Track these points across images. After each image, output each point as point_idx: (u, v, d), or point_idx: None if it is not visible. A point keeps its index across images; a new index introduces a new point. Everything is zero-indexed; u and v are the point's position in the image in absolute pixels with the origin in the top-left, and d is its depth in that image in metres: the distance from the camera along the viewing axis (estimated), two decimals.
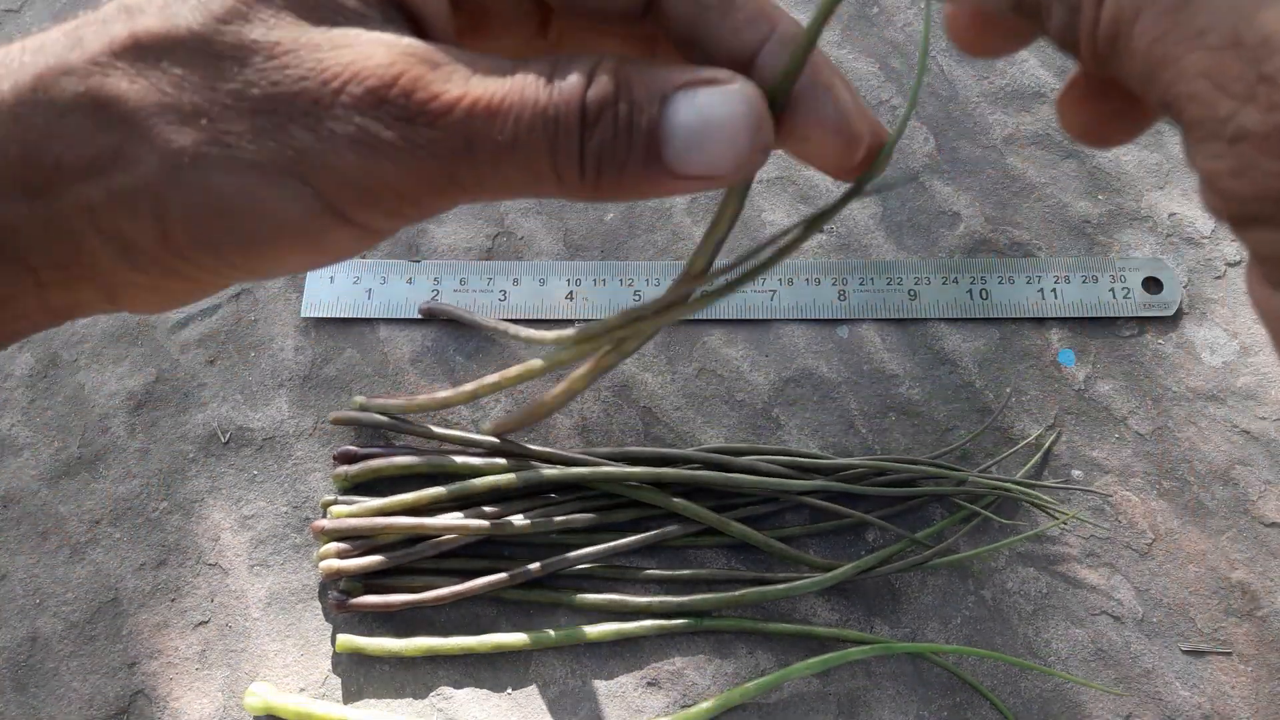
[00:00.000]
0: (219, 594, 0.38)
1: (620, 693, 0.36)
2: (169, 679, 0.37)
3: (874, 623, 0.37)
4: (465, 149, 0.18)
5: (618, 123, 0.18)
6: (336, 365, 0.42)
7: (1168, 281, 0.42)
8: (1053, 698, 0.36)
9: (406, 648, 0.36)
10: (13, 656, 0.37)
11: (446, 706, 0.36)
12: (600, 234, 0.45)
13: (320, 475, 0.40)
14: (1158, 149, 0.46)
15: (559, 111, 0.18)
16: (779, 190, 0.46)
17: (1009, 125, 0.47)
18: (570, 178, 0.19)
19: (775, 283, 0.43)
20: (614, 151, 0.18)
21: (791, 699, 0.36)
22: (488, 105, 0.18)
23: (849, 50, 0.49)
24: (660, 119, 0.18)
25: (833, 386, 0.41)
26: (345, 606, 0.37)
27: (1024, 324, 0.42)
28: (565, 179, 0.19)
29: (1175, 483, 0.39)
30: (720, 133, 0.18)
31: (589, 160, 0.18)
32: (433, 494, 0.38)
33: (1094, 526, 0.39)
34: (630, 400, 0.41)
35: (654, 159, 0.19)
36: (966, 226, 0.44)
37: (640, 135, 0.18)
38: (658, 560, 0.39)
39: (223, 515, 0.39)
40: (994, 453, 0.40)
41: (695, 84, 0.18)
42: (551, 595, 0.37)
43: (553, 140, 0.18)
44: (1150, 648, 0.37)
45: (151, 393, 0.41)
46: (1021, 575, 0.38)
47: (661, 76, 0.18)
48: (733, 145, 0.19)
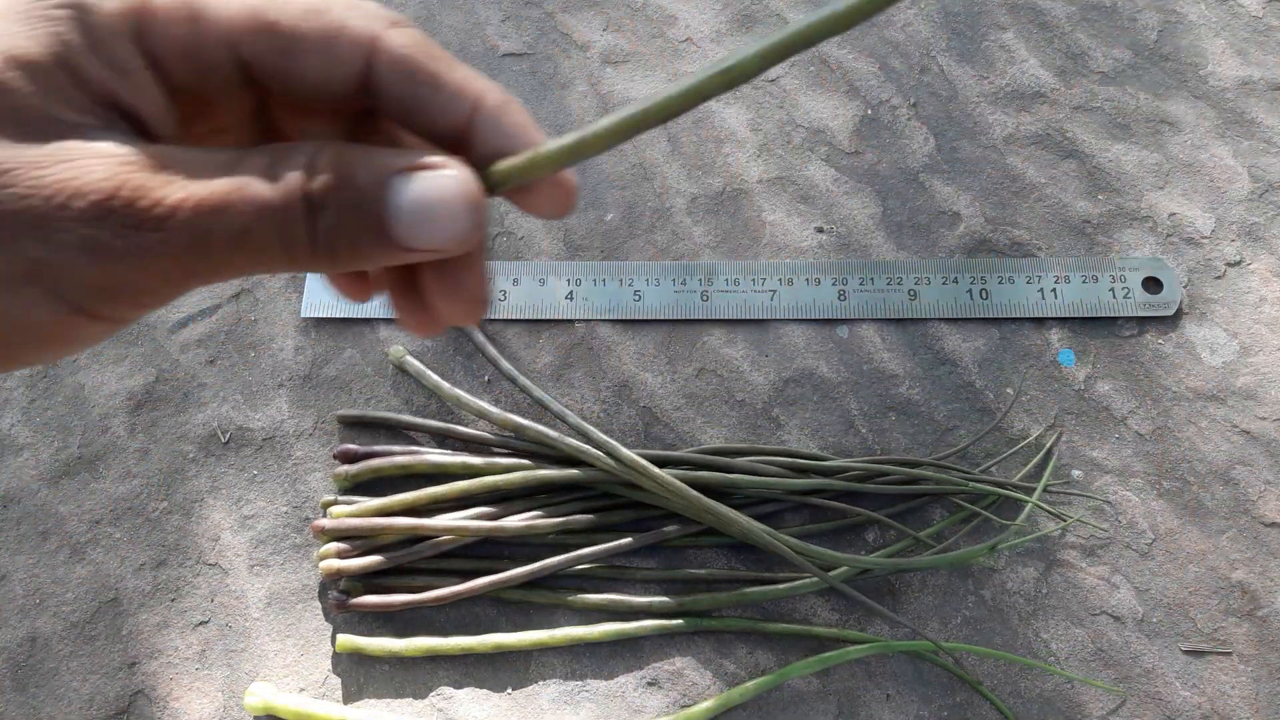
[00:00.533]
0: (219, 594, 0.38)
1: (620, 693, 0.36)
2: (169, 679, 0.37)
3: (874, 622, 0.37)
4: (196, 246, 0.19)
5: (344, 209, 0.20)
6: (336, 365, 0.42)
7: (1168, 281, 0.42)
8: (1053, 697, 0.36)
9: (406, 648, 0.36)
10: (13, 656, 0.37)
11: (446, 706, 0.36)
12: (600, 234, 0.45)
13: (320, 475, 0.40)
14: (1158, 149, 0.46)
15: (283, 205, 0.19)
16: (779, 190, 0.46)
17: (1009, 125, 0.47)
18: (304, 256, 0.20)
19: (775, 283, 0.43)
20: (345, 232, 0.20)
21: (791, 699, 0.36)
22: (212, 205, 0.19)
23: (849, 50, 0.49)
24: (384, 202, 0.20)
25: (833, 386, 0.41)
26: (345, 606, 0.37)
27: (1024, 324, 0.42)
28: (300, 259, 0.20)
29: (1175, 483, 0.39)
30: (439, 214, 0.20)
31: (321, 240, 0.20)
32: (433, 494, 0.38)
33: (1094, 527, 0.39)
34: (630, 400, 0.41)
35: (384, 236, 0.20)
36: (966, 226, 0.44)
37: (368, 217, 0.20)
38: (658, 560, 0.39)
39: (223, 515, 0.39)
40: (994, 453, 0.40)
41: (412, 169, 0.20)
42: (551, 595, 0.37)
43: (281, 230, 0.19)
44: (1150, 648, 0.37)
45: (151, 393, 0.41)
46: (1021, 575, 0.38)
47: (380, 162, 0.20)
48: (452, 224, 0.20)
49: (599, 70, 0.49)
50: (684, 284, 0.43)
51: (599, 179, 0.46)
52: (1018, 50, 0.49)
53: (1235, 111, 0.47)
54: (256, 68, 0.21)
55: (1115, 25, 0.49)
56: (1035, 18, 0.50)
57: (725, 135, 0.47)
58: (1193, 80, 0.48)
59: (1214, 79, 0.48)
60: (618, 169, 0.46)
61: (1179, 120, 0.47)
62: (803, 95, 0.48)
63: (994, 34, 0.49)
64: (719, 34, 0.50)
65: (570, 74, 0.49)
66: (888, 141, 0.47)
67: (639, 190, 0.46)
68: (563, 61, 0.49)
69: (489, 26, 0.50)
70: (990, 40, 0.49)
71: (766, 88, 0.48)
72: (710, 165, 0.46)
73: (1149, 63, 0.48)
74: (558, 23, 0.50)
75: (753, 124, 0.47)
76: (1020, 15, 0.50)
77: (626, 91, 0.48)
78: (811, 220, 0.45)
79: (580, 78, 0.49)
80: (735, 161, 0.46)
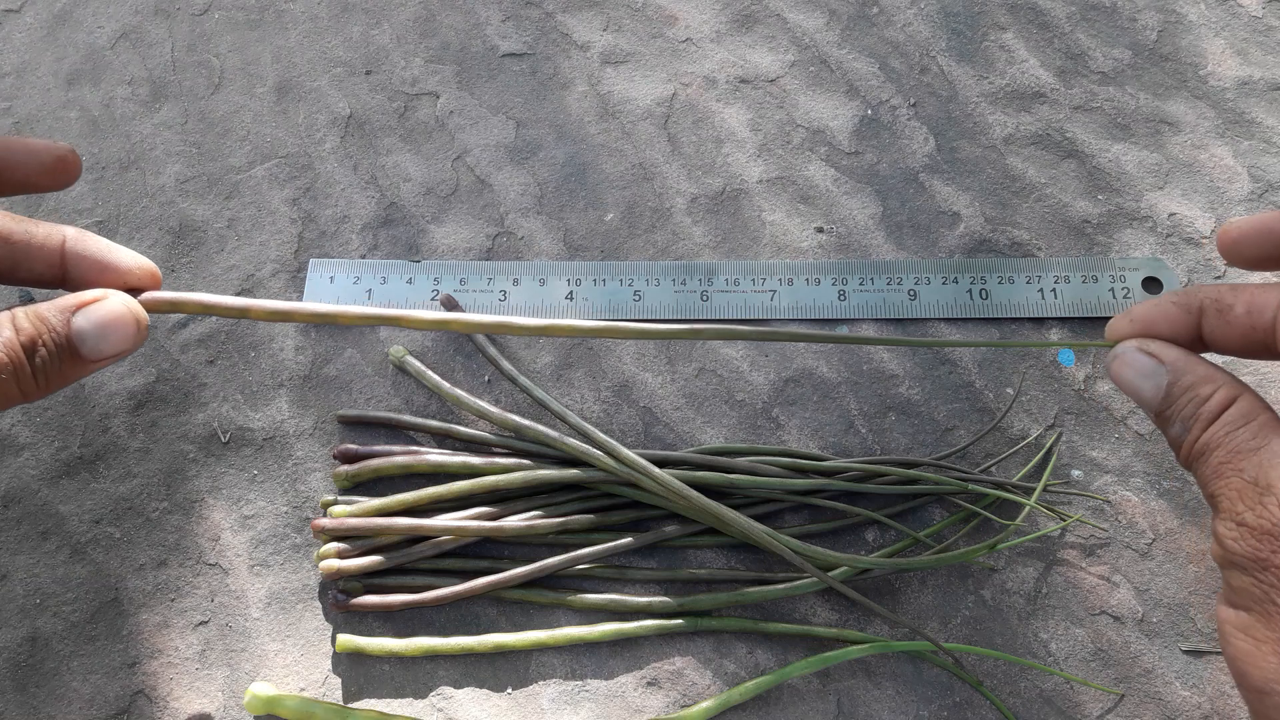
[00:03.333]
0: (219, 594, 0.38)
1: (620, 693, 0.36)
2: (169, 679, 0.37)
3: (874, 622, 0.37)
4: None
5: (48, 347, 0.28)
6: (336, 365, 0.42)
7: (1168, 281, 0.42)
8: (1052, 697, 0.36)
9: (406, 648, 0.36)
10: (13, 656, 0.37)
11: (446, 706, 0.36)
12: (600, 234, 0.45)
13: (320, 475, 0.40)
14: (1158, 149, 0.46)
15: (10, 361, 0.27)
16: (779, 190, 0.46)
17: (1009, 125, 0.47)
18: (32, 391, 0.28)
19: (775, 283, 0.43)
20: (52, 365, 0.28)
21: (791, 698, 0.36)
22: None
23: (849, 50, 0.49)
24: (69, 333, 0.28)
25: (833, 386, 0.42)
26: (345, 606, 0.37)
27: (1024, 324, 0.42)
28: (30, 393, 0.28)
29: (1175, 483, 0.39)
30: (114, 330, 0.29)
31: (39, 376, 0.28)
32: (433, 494, 0.38)
33: (1094, 526, 0.39)
34: (630, 400, 0.41)
35: (77, 357, 0.29)
36: (966, 226, 0.44)
37: (64, 348, 0.28)
38: (658, 560, 0.39)
39: (223, 515, 0.39)
40: (994, 453, 0.40)
41: (84, 305, 0.29)
42: (551, 595, 0.37)
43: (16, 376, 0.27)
44: (1150, 648, 0.37)
45: (152, 392, 0.41)
46: (1021, 575, 0.38)
47: (61, 304, 0.28)
48: (124, 333, 0.29)
49: (599, 70, 0.49)
50: (684, 284, 0.43)
51: (599, 179, 0.46)
52: (1018, 50, 0.49)
53: (1235, 111, 0.47)
54: None
55: (1115, 25, 0.49)
56: (1035, 18, 0.50)
57: (725, 135, 0.47)
58: (1193, 80, 0.48)
59: (1214, 79, 0.48)
60: (618, 169, 0.46)
61: (1179, 120, 0.47)
62: (803, 95, 0.48)
63: (994, 34, 0.49)
64: (719, 34, 0.50)
65: (570, 74, 0.49)
66: (888, 141, 0.47)
67: (639, 190, 0.46)
68: (563, 61, 0.49)
69: (489, 26, 0.50)
70: (990, 40, 0.49)
71: (766, 88, 0.48)
72: (710, 165, 0.46)
73: (1149, 63, 0.48)
74: (558, 23, 0.50)
75: (753, 124, 0.47)
76: (1020, 15, 0.50)
77: (626, 91, 0.48)
78: (811, 220, 0.45)
79: (580, 78, 0.49)
80: (735, 161, 0.46)
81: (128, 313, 0.30)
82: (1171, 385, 0.30)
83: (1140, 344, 0.31)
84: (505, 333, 0.32)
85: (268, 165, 0.47)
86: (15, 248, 0.30)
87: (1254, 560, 0.26)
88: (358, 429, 0.41)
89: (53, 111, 0.48)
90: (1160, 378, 0.30)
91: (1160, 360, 0.30)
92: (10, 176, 0.32)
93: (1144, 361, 0.30)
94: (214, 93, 0.48)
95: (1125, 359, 0.31)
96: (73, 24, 0.51)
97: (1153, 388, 0.30)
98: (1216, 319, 0.30)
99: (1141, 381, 0.30)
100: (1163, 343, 0.31)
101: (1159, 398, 0.30)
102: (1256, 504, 0.26)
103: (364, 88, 0.48)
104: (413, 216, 0.45)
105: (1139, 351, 0.31)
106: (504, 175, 0.46)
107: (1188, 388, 0.29)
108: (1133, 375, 0.31)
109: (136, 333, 0.30)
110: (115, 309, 0.29)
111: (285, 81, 0.49)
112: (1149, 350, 0.31)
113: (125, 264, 0.31)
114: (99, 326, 0.29)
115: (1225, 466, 0.27)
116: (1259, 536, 0.26)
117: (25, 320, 0.28)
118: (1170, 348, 0.30)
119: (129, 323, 0.30)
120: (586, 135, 0.47)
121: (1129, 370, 0.31)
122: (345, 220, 0.45)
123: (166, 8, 0.51)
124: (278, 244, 0.45)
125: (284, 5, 0.51)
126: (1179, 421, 0.29)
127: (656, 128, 0.47)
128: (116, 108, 0.48)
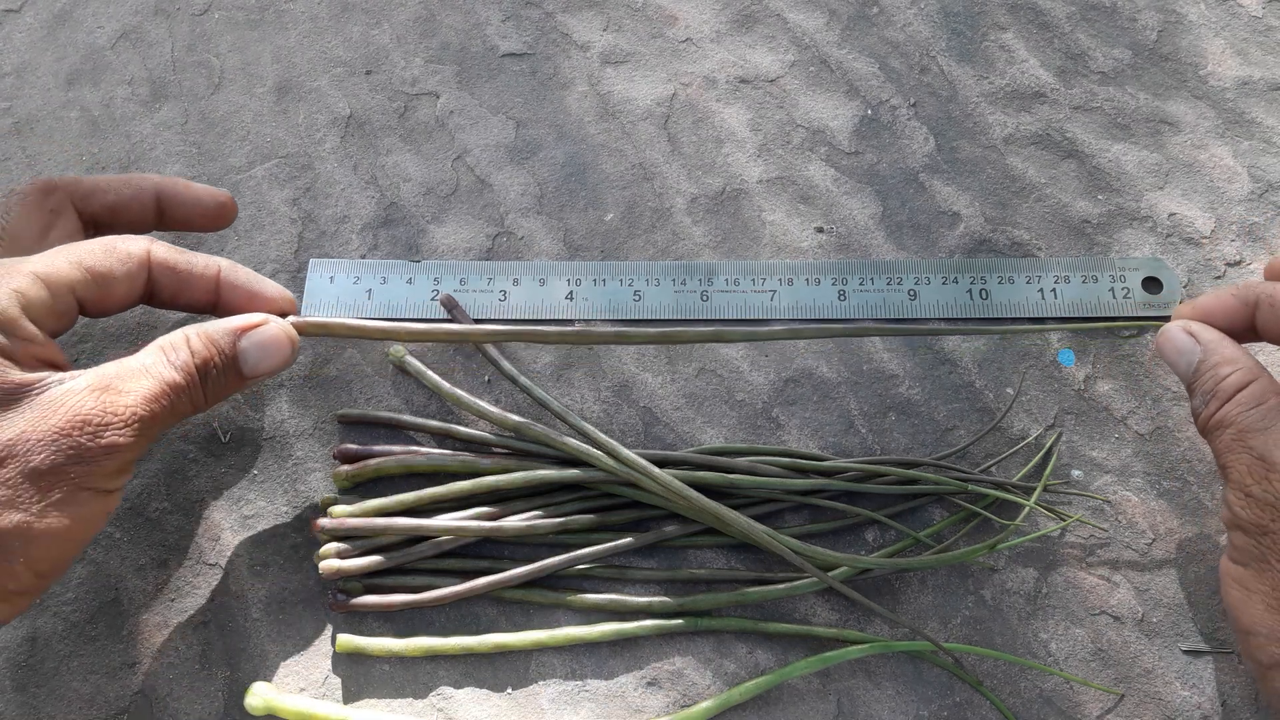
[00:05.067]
0: (219, 594, 0.38)
1: (620, 693, 0.36)
2: (169, 679, 0.37)
3: (874, 622, 0.37)
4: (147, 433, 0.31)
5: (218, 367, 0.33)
6: (336, 365, 0.42)
7: (1168, 281, 0.42)
8: (1052, 697, 0.36)
9: (406, 648, 0.36)
10: (13, 656, 0.37)
11: (446, 706, 0.36)
12: (600, 234, 0.45)
13: (320, 475, 0.40)
14: (1158, 149, 0.46)
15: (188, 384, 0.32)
16: (779, 190, 0.46)
17: (1009, 125, 0.47)
18: (202, 406, 0.33)
19: (775, 283, 0.43)
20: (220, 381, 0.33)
21: (791, 698, 0.36)
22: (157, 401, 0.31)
23: (849, 50, 0.49)
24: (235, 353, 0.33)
25: (833, 386, 0.42)
26: (345, 606, 0.37)
27: (1024, 324, 0.42)
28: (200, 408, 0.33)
29: (1175, 483, 0.39)
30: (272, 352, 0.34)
31: (210, 393, 0.33)
32: (433, 494, 0.38)
33: (1094, 526, 0.39)
34: (630, 400, 0.41)
35: (238, 374, 0.34)
36: (966, 226, 0.44)
37: (230, 368, 0.33)
38: (657, 560, 0.39)
39: (223, 515, 0.39)
40: (994, 453, 0.40)
41: (248, 328, 0.34)
42: (551, 595, 0.37)
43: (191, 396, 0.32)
44: (1150, 648, 0.37)
45: None
46: (1021, 575, 0.38)
47: (227, 327, 0.34)
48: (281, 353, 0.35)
49: (599, 70, 0.49)
50: (684, 284, 0.43)
51: (599, 179, 0.46)
52: (1018, 50, 0.49)
53: (1235, 111, 0.47)
54: None
55: (1115, 25, 0.49)
56: (1035, 18, 0.50)
57: (725, 135, 0.47)
58: (1193, 80, 0.48)
59: (1214, 79, 0.48)
60: (618, 169, 0.46)
61: (1179, 120, 0.47)
62: (803, 95, 0.48)
63: (994, 34, 0.49)
64: (719, 34, 0.50)
65: (570, 74, 0.49)
66: (888, 141, 0.47)
67: (639, 190, 0.46)
68: (563, 61, 0.49)
69: (489, 26, 0.50)
70: (990, 40, 0.49)
71: (767, 88, 0.48)
72: (710, 165, 0.46)
73: (1149, 63, 0.48)
74: (558, 23, 0.50)
75: (753, 124, 0.47)
76: (1020, 15, 0.50)
77: (626, 91, 0.48)
78: (811, 220, 0.45)
79: (580, 78, 0.49)
80: (735, 161, 0.46)
81: (284, 336, 0.35)
82: (1201, 362, 0.34)
83: (1184, 324, 0.35)
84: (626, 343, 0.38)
85: (268, 165, 0.47)
86: (180, 277, 0.35)
87: (1256, 526, 0.31)
88: (358, 429, 0.41)
89: (53, 111, 0.48)
90: (1194, 355, 0.34)
91: (1197, 339, 0.35)
92: (175, 214, 0.38)
93: (1183, 339, 0.35)
94: (214, 93, 0.48)
95: (1169, 334, 0.36)
96: (73, 24, 0.51)
97: (1186, 363, 0.35)
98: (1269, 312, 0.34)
99: (1178, 356, 0.35)
100: (1203, 325, 0.35)
101: (1190, 372, 0.35)
102: (1263, 479, 0.30)
103: (364, 88, 0.48)
104: (413, 216, 0.45)
105: (1182, 330, 0.35)
106: (504, 175, 0.46)
107: (1213, 366, 0.33)
108: (1172, 350, 0.35)
109: (291, 353, 0.35)
110: (274, 333, 0.34)
111: (285, 81, 0.49)
112: (1190, 330, 0.35)
113: (270, 294, 0.36)
114: (260, 348, 0.34)
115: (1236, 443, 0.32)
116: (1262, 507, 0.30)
117: (199, 343, 0.33)
118: (1208, 330, 0.35)
119: (285, 344, 0.35)
120: (586, 135, 0.47)
121: (1170, 345, 0.35)
122: (345, 220, 0.45)
123: (166, 8, 0.51)
124: (278, 244, 0.45)
125: (284, 5, 0.51)
126: (1200, 394, 0.34)
127: (656, 128, 0.47)
128: (116, 108, 0.48)
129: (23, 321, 0.30)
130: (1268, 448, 0.31)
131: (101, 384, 0.30)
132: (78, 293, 0.32)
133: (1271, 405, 0.32)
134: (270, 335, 0.34)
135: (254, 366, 0.34)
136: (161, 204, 0.38)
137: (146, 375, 0.31)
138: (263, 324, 0.34)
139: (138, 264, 0.34)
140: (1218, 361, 0.34)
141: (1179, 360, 0.35)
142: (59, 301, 0.31)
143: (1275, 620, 0.30)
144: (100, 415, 0.29)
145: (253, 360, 0.34)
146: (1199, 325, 0.35)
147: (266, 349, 0.34)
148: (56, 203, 0.35)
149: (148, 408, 0.30)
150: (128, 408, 0.30)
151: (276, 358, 0.34)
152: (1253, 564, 0.31)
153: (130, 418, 0.30)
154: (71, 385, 0.30)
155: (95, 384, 0.30)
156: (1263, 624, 0.30)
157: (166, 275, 0.34)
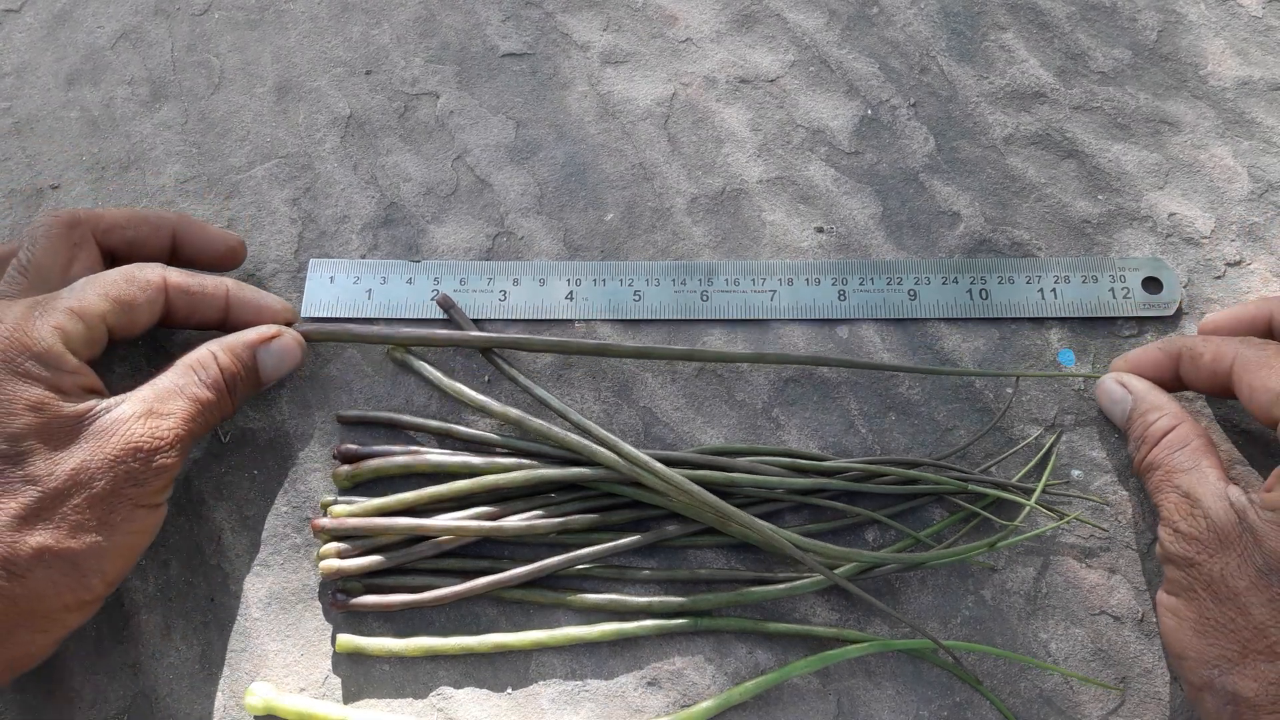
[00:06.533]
0: (219, 594, 0.38)
1: (620, 693, 0.36)
2: (169, 679, 0.37)
3: (873, 622, 0.37)
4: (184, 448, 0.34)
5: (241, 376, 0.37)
6: (336, 365, 0.42)
7: (1168, 281, 0.42)
8: (1052, 696, 0.36)
9: (406, 648, 0.36)
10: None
11: (446, 706, 0.36)
12: (600, 234, 0.45)
13: (320, 475, 0.40)
14: (1158, 149, 0.46)
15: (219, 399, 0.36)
16: (779, 190, 0.46)
17: (1009, 125, 0.47)
18: (228, 411, 0.37)
19: (775, 283, 0.43)
20: (242, 388, 0.37)
21: (791, 698, 0.36)
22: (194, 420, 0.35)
23: (849, 50, 0.49)
24: (254, 363, 0.38)
25: (833, 386, 0.41)
26: (345, 606, 0.37)
27: (1024, 324, 0.42)
28: (226, 415, 0.37)
29: None
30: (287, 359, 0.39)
31: (237, 398, 0.37)
32: (433, 494, 0.38)
33: (1094, 526, 0.39)
34: (630, 400, 0.41)
35: (257, 380, 0.38)
36: (966, 226, 0.44)
37: (251, 374, 0.37)
38: (657, 560, 0.39)
39: (223, 515, 0.39)
40: (994, 453, 0.40)
41: (266, 339, 0.38)
42: (551, 595, 0.37)
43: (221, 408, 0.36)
44: (1150, 647, 0.37)
45: None
46: (1021, 575, 0.38)
47: (245, 341, 0.37)
48: (293, 359, 0.39)
49: (599, 70, 0.49)
50: (684, 284, 0.43)
51: (599, 179, 0.46)
52: (1018, 50, 0.49)
53: (1235, 111, 0.47)
54: None
55: (1115, 25, 0.49)
56: (1035, 18, 0.50)
57: (725, 135, 0.47)
58: (1193, 80, 0.48)
59: (1214, 79, 0.48)
60: (618, 169, 0.46)
61: (1179, 120, 0.47)
62: (803, 95, 0.48)
63: (994, 34, 0.49)
64: (719, 34, 0.50)
65: (570, 74, 0.49)
66: (888, 141, 0.47)
67: (639, 190, 0.46)
68: (563, 61, 0.49)
69: (489, 26, 0.50)
70: (990, 40, 0.49)
71: (767, 88, 0.48)
72: (710, 165, 0.46)
73: (1149, 63, 0.48)
74: (558, 23, 0.50)
75: (753, 124, 0.47)
76: (1020, 15, 0.50)
77: (626, 91, 0.48)
78: (811, 220, 0.45)
79: (580, 78, 0.49)
80: (735, 161, 0.46)
81: (296, 344, 0.39)
82: (1132, 410, 0.37)
83: (1116, 376, 0.39)
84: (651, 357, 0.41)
85: (268, 165, 0.47)
86: (193, 299, 0.37)
87: (1184, 559, 0.32)
88: (358, 429, 0.41)
89: (53, 111, 0.48)
90: (1126, 403, 0.38)
91: (1128, 389, 0.38)
92: (186, 253, 0.40)
93: (1116, 389, 0.38)
94: (214, 93, 0.48)
95: (1105, 386, 0.39)
96: (73, 24, 0.51)
97: (1120, 411, 0.38)
98: (1189, 364, 0.36)
99: (1112, 405, 0.39)
100: (1133, 376, 0.38)
101: (1124, 419, 0.38)
102: (1189, 515, 0.33)
103: (364, 88, 0.48)
104: (413, 216, 0.45)
105: (1114, 382, 0.39)
106: (504, 175, 0.46)
107: (1143, 413, 0.37)
108: (1108, 400, 0.39)
109: (302, 358, 0.40)
110: (288, 343, 0.39)
111: (285, 81, 0.49)
112: (1122, 381, 0.38)
113: (274, 307, 0.40)
114: (276, 356, 0.38)
115: (1164, 482, 0.34)
116: (1189, 541, 0.32)
117: (226, 358, 0.36)
118: (1138, 380, 0.38)
119: (296, 351, 0.39)
120: (586, 135, 0.47)
121: (1105, 396, 0.39)
122: (345, 220, 0.45)
123: (166, 8, 0.51)
124: (278, 244, 0.45)
125: (284, 5, 0.51)
126: (1133, 440, 0.37)
127: (656, 128, 0.47)
128: (116, 108, 0.48)
129: (66, 355, 0.33)
130: (1192, 485, 0.33)
131: (145, 409, 0.33)
132: (108, 321, 0.34)
133: (1194, 447, 0.34)
134: (284, 345, 0.38)
135: (270, 373, 0.38)
136: (176, 242, 0.40)
137: (182, 396, 0.34)
138: (277, 335, 0.38)
139: (156, 290, 0.36)
140: (1146, 409, 0.36)
141: (1114, 409, 0.38)
142: (93, 331, 0.34)
143: (1203, 645, 0.31)
144: (149, 441, 0.32)
145: (270, 368, 0.38)
146: (1129, 376, 0.38)
147: (281, 357, 0.38)
148: (79, 236, 0.37)
149: (186, 427, 0.34)
150: (171, 429, 0.33)
151: (289, 364, 0.39)
152: (1182, 594, 0.32)
153: (174, 440, 0.33)
154: (118, 414, 0.33)
155: (140, 410, 0.33)
156: (1192, 648, 0.32)
157: (181, 298, 0.37)
